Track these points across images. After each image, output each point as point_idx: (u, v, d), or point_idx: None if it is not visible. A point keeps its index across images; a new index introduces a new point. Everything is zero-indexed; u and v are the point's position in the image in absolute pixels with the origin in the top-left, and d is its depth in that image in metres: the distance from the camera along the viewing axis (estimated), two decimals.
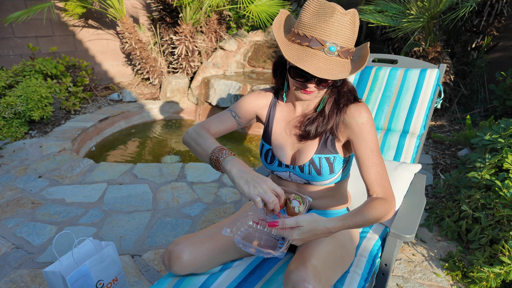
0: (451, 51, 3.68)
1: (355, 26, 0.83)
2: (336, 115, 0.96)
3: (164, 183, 2.35)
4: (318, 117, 0.97)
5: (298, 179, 1.03)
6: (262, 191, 0.78)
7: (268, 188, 0.79)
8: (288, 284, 0.81)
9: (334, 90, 0.97)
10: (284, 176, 1.05)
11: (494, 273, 1.39)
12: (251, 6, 4.07)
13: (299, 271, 0.81)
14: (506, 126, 1.91)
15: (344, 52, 0.83)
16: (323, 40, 0.81)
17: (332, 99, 0.96)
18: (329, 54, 0.81)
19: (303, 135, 0.98)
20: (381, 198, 0.91)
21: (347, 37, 0.82)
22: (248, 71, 4.58)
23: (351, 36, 0.83)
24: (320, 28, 0.81)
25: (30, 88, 3.11)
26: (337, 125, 0.96)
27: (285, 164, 1.03)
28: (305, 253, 0.89)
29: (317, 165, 0.98)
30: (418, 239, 1.82)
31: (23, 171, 2.48)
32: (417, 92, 1.47)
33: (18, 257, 1.67)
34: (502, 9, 3.26)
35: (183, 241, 0.98)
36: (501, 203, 1.54)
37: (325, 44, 0.81)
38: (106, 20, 4.65)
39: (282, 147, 1.03)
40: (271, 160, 1.05)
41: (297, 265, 0.84)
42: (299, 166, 1.00)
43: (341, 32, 0.80)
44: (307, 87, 0.87)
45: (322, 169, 0.98)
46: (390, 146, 1.47)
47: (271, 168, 1.06)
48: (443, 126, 3.33)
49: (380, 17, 3.17)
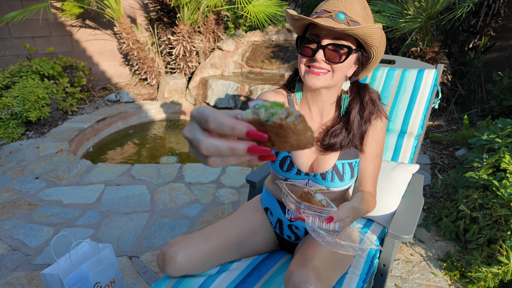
0: (448, 51, 3.69)
1: (366, 9, 0.85)
2: (362, 127, 0.95)
3: (162, 184, 2.35)
4: (343, 130, 0.94)
5: (316, 186, 0.99)
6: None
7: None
8: (289, 285, 0.80)
9: (356, 99, 0.94)
10: (300, 183, 1.01)
11: (492, 273, 1.39)
12: (249, 7, 4.07)
13: (300, 272, 0.81)
14: (503, 126, 1.92)
15: (354, 22, 0.83)
16: (331, 9, 0.83)
17: (356, 109, 0.93)
18: (337, 20, 0.82)
19: (326, 148, 0.95)
20: (372, 193, 1.01)
21: (356, 10, 0.83)
22: (246, 71, 4.57)
23: (361, 11, 0.84)
24: (330, 2, 0.84)
25: (26, 88, 3.09)
26: (362, 138, 0.96)
27: (304, 172, 0.99)
28: (306, 254, 0.89)
29: (340, 171, 0.96)
30: (416, 239, 1.82)
31: (19, 173, 2.46)
32: (414, 92, 1.47)
33: (15, 259, 1.66)
34: (499, 9, 3.28)
35: (177, 242, 0.97)
36: (498, 203, 1.54)
37: (333, 12, 0.82)
38: (104, 21, 4.64)
39: (302, 154, 0.99)
40: (288, 168, 1.00)
41: (298, 266, 0.84)
42: (320, 174, 0.97)
43: (350, 5, 0.83)
44: (315, 60, 0.85)
45: (344, 175, 0.97)
46: (388, 147, 1.47)
47: (286, 176, 1.01)
48: (440, 126, 3.34)
49: (377, 17, 3.17)
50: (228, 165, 0.38)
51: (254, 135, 0.36)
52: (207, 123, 0.36)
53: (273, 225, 1.15)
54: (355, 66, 0.92)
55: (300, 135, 0.36)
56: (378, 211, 1.26)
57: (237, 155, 0.36)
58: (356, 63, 0.92)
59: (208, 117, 0.36)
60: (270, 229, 1.16)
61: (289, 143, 0.37)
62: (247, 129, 0.36)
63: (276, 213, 1.12)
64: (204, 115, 0.37)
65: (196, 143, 0.37)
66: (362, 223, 1.31)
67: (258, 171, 1.41)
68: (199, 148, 0.37)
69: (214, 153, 0.37)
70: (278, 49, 4.67)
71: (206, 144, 0.36)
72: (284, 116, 0.36)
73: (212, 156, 0.37)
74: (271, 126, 0.36)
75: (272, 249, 1.18)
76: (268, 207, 1.14)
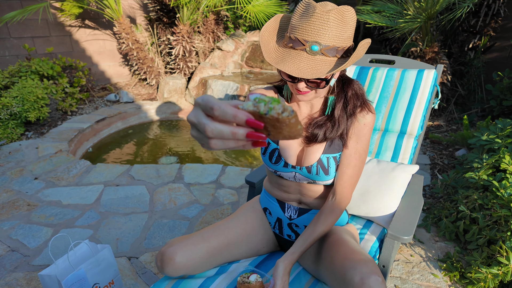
0: (448, 52, 3.69)
1: (344, 23, 0.80)
2: (347, 121, 0.95)
3: (161, 184, 2.34)
4: (327, 122, 0.96)
5: (303, 179, 1.01)
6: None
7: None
8: (354, 276, 0.80)
9: (341, 94, 0.96)
10: (288, 176, 1.03)
11: (492, 274, 1.39)
12: (249, 7, 4.06)
13: (367, 263, 0.82)
14: (503, 127, 1.91)
15: (330, 50, 0.80)
16: (304, 40, 0.80)
17: (340, 104, 0.95)
18: (312, 53, 0.80)
19: (310, 138, 0.97)
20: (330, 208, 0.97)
21: (332, 34, 0.79)
22: (245, 72, 4.57)
23: (338, 33, 0.80)
24: (302, 28, 0.80)
25: (26, 89, 3.08)
26: (347, 131, 0.96)
27: (291, 165, 1.01)
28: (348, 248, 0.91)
29: (325, 165, 0.97)
30: (416, 240, 1.82)
31: (19, 173, 2.46)
32: (414, 92, 1.46)
33: (14, 260, 1.65)
34: (499, 9, 3.27)
35: (176, 243, 0.97)
36: (498, 203, 1.54)
37: (306, 44, 0.80)
38: (103, 21, 4.63)
39: (289, 147, 1.01)
40: (276, 160, 1.03)
41: (356, 259, 0.84)
42: (306, 167, 0.98)
43: (324, 30, 0.78)
44: (298, 87, 0.87)
45: (329, 169, 0.98)
46: (388, 147, 1.46)
47: (275, 168, 1.04)
48: (440, 126, 3.33)
49: (377, 18, 3.17)
50: (227, 148, 0.44)
51: (252, 124, 0.42)
52: (212, 110, 0.41)
53: (272, 225, 1.15)
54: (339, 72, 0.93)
55: (292, 127, 0.43)
56: (377, 212, 1.25)
57: (237, 139, 0.42)
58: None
59: (213, 105, 0.41)
60: (269, 229, 1.16)
61: (282, 134, 0.44)
62: (247, 117, 0.42)
63: (275, 213, 1.12)
64: (209, 103, 0.42)
65: (202, 127, 0.42)
66: (361, 224, 1.31)
67: (257, 171, 1.40)
68: (205, 131, 0.41)
69: (217, 136, 0.42)
70: None
71: (212, 127, 0.41)
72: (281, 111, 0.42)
73: (215, 139, 0.42)
74: (268, 119, 0.43)
75: (271, 250, 1.17)
76: (267, 207, 1.14)
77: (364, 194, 1.28)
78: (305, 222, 1.08)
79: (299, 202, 1.09)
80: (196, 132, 0.44)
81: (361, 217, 1.34)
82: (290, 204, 1.09)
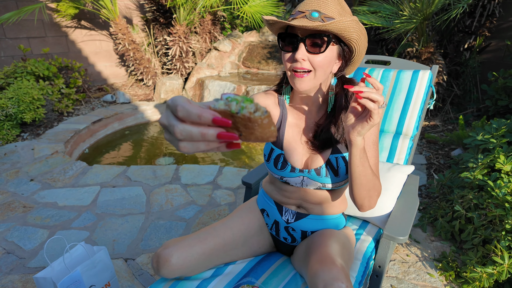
0: (444, 52, 3.71)
1: (341, 5, 0.86)
2: None
3: (158, 185, 2.34)
4: (331, 126, 0.95)
5: (312, 183, 0.98)
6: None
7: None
8: (318, 283, 0.79)
9: (341, 94, 0.95)
10: (295, 182, 1.00)
11: (487, 273, 1.40)
12: (245, 7, 4.07)
13: (330, 270, 0.80)
14: (498, 127, 1.93)
15: (328, 18, 0.83)
16: (305, 9, 0.85)
17: (341, 104, 0.95)
18: (312, 19, 0.83)
19: (319, 146, 0.96)
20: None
21: (330, 7, 0.84)
22: (242, 72, 4.57)
23: (336, 7, 0.85)
24: (305, 3, 0.87)
25: (21, 90, 3.07)
26: None
27: (298, 169, 0.99)
28: (327, 252, 0.88)
29: (335, 165, 0.96)
30: (412, 240, 1.82)
31: (14, 174, 2.44)
32: (409, 93, 1.47)
33: (9, 262, 1.65)
34: (494, 10, 3.30)
35: (172, 244, 0.97)
36: (493, 203, 1.55)
37: (307, 12, 0.84)
38: (99, 21, 4.62)
39: (295, 152, 0.99)
40: (282, 166, 1.00)
41: (323, 264, 0.83)
42: (315, 169, 0.96)
43: (323, 2, 0.84)
44: (297, 60, 0.85)
45: (339, 169, 0.95)
46: (383, 148, 1.47)
47: (281, 174, 1.01)
48: (436, 126, 3.35)
49: (373, 18, 3.18)
50: (198, 150, 0.41)
51: (219, 122, 0.40)
52: (176, 111, 0.40)
53: (269, 226, 1.15)
54: (339, 62, 0.92)
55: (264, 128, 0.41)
56: (373, 212, 1.26)
57: (207, 140, 0.41)
58: (340, 58, 0.92)
59: (177, 105, 0.40)
60: (266, 230, 1.16)
61: (254, 135, 0.42)
62: (213, 116, 0.40)
63: (273, 215, 1.12)
64: (174, 103, 0.40)
65: (171, 128, 0.40)
66: (357, 224, 1.31)
67: (254, 172, 1.41)
68: (174, 132, 0.40)
69: (187, 137, 0.40)
70: (274, 49, 4.67)
71: (180, 128, 0.40)
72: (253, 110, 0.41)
73: (185, 141, 0.40)
74: (240, 118, 0.41)
75: (268, 251, 1.17)
76: (265, 208, 1.14)
77: None
78: (302, 227, 1.06)
79: (298, 206, 1.07)
80: (168, 135, 0.42)
81: (357, 218, 1.35)
82: (288, 208, 1.08)
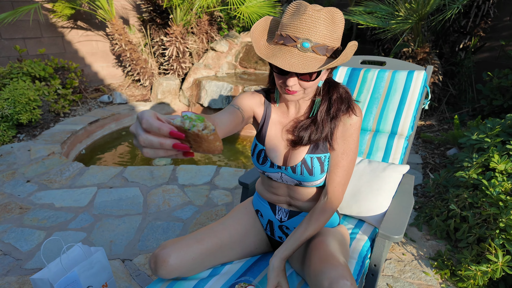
0: (439, 52, 3.73)
1: (334, 23, 0.82)
2: (330, 123, 0.96)
3: (155, 186, 2.34)
4: (311, 125, 0.97)
5: (289, 180, 1.02)
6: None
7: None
8: (323, 281, 0.81)
9: (325, 97, 0.97)
10: (275, 177, 1.04)
11: (481, 271, 1.41)
12: (242, 7, 4.07)
13: (335, 268, 0.83)
14: (492, 126, 1.95)
15: (320, 48, 0.81)
16: (296, 36, 0.81)
17: (324, 106, 0.96)
18: (303, 50, 0.81)
19: (295, 141, 0.98)
20: (321, 208, 0.99)
21: (322, 33, 0.81)
22: (239, 72, 4.57)
23: (328, 32, 0.81)
24: (294, 26, 0.82)
25: (17, 90, 3.06)
26: (331, 134, 0.97)
27: (277, 165, 1.02)
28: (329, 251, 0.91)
29: (309, 165, 0.98)
30: (407, 238, 1.84)
31: (10, 176, 2.44)
32: (404, 93, 1.48)
33: (6, 263, 1.64)
34: (489, 10, 3.32)
35: (169, 245, 0.97)
36: (487, 202, 1.56)
37: (298, 40, 0.81)
38: (96, 22, 4.60)
39: (275, 149, 1.03)
40: (263, 161, 1.04)
41: (327, 263, 0.85)
42: (291, 167, 1.00)
43: (315, 28, 0.80)
44: (288, 84, 0.86)
45: (313, 169, 0.98)
46: (379, 148, 1.48)
47: (262, 169, 1.05)
48: (432, 126, 3.37)
49: (369, 18, 3.20)
50: (158, 156, 0.52)
51: (175, 134, 0.51)
52: (142, 123, 0.50)
53: (264, 226, 1.16)
54: (327, 72, 0.93)
55: (210, 143, 0.52)
56: (369, 212, 1.27)
57: (165, 148, 0.51)
58: (328, 71, 0.93)
59: (143, 119, 0.50)
60: (261, 230, 1.17)
61: (201, 148, 0.53)
62: (169, 129, 0.50)
63: (267, 215, 1.13)
64: (141, 117, 0.51)
65: (137, 137, 0.50)
66: (353, 223, 1.32)
67: (250, 173, 1.41)
68: (138, 140, 0.50)
69: (148, 145, 0.50)
70: None
71: (143, 137, 0.50)
72: (201, 128, 0.52)
73: (147, 147, 0.50)
74: (191, 133, 0.52)
75: (264, 251, 1.18)
76: (259, 209, 1.15)
77: (355, 194, 1.29)
78: (296, 225, 1.09)
79: (289, 204, 1.10)
80: (136, 141, 0.51)
81: (352, 217, 1.36)
82: (281, 207, 1.10)
